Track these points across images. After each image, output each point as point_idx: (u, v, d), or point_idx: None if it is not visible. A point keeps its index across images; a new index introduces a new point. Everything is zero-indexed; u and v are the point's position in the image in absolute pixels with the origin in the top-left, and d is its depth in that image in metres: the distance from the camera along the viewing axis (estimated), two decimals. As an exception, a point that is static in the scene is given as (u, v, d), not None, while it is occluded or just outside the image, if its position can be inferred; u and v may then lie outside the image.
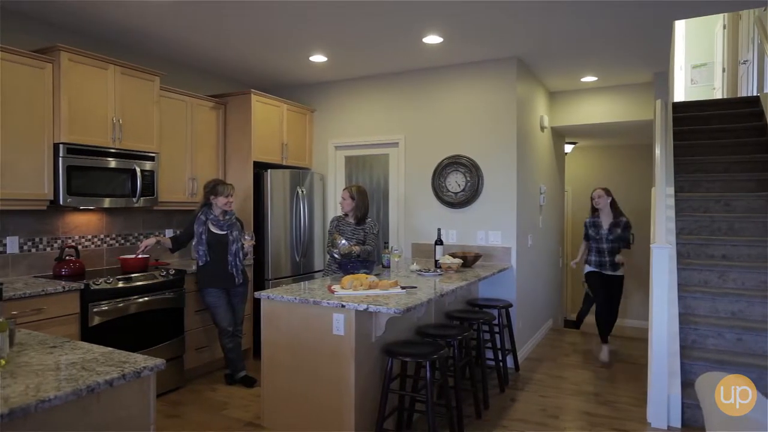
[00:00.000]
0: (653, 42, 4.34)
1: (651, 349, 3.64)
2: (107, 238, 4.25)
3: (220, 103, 4.93)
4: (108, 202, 3.85)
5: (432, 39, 4.20)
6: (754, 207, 4.68)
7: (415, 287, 3.36)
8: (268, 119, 5.03)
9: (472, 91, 4.87)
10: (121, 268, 3.99)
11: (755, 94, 5.91)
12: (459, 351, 3.34)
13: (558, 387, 4.23)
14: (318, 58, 4.72)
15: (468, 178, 4.84)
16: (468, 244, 4.85)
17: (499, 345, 4.24)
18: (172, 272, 4.05)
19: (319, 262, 5.41)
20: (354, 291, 3.13)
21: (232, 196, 4.06)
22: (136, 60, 4.25)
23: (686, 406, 3.47)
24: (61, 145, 3.51)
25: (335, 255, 4.02)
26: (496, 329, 4.26)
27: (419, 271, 4.09)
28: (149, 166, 4.10)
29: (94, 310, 3.46)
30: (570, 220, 8.23)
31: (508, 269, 4.67)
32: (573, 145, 7.48)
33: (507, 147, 4.73)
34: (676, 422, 3.46)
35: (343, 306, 2.87)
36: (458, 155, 4.90)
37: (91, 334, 3.40)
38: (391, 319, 2.94)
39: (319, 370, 2.98)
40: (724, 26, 7.47)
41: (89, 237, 4.12)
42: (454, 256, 4.35)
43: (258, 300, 3.32)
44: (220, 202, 3.99)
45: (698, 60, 8.39)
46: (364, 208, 4.14)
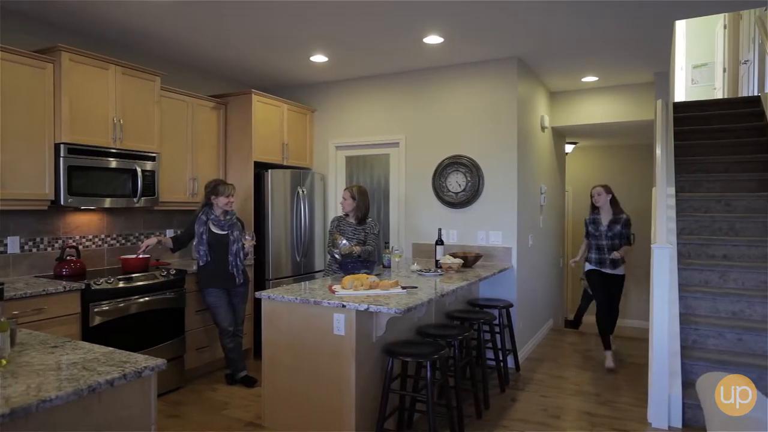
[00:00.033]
0: (654, 42, 4.34)
1: (651, 349, 3.64)
2: (108, 238, 4.26)
3: (221, 103, 4.93)
4: (109, 202, 3.85)
5: (432, 39, 4.20)
6: (754, 207, 4.68)
7: (415, 287, 3.37)
8: (268, 119, 5.03)
9: (473, 91, 4.87)
10: (121, 268, 4.00)
11: (756, 94, 5.90)
12: (459, 351, 3.34)
13: (558, 387, 4.23)
14: (318, 58, 4.72)
15: (468, 178, 4.84)
16: (468, 244, 4.85)
17: (499, 345, 4.24)
18: (172, 272, 4.06)
19: (319, 262, 5.41)
20: (355, 291, 3.13)
21: (233, 196, 4.06)
22: (136, 60, 4.25)
23: (687, 406, 3.47)
24: (62, 145, 3.51)
25: (336, 255, 4.02)
26: (497, 329, 4.26)
27: (420, 271, 4.09)
28: (150, 166, 4.10)
29: (94, 310, 3.46)
30: (570, 220, 8.22)
31: (508, 269, 4.66)
32: (574, 145, 7.48)
33: (508, 147, 4.73)
34: (677, 422, 3.46)
35: (343, 306, 2.87)
36: (459, 155, 4.90)
37: (91, 334, 3.40)
38: (392, 319, 2.94)
39: (319, 370, 2.98)
40: (725, 26, 7.47)
41: (90, 237, 4.12)
42: (454, 256, 4.35)
43: (258, 300, 3.32)
44: (221, 202, 4.00)
45: (699, 60, 8.38)
46: (364, 208, 4.15)
